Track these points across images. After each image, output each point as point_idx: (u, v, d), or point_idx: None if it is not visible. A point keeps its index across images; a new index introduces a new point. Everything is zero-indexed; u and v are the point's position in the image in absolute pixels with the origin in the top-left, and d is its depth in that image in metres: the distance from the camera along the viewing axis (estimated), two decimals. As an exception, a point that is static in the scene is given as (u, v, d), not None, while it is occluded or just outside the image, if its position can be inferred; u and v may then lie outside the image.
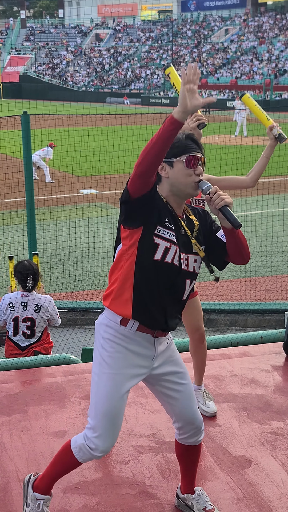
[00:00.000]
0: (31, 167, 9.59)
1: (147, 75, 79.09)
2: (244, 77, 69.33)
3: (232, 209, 2.99)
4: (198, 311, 4.30)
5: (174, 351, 3.27)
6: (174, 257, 3.00)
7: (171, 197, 3.07)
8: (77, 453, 3.13)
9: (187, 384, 3.25)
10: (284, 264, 12.39)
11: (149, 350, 3.12)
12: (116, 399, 3.05)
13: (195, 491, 3.45)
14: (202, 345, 4.38)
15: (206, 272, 11.28)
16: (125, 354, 3.08)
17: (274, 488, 3.71)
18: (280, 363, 5.34)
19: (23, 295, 6.18)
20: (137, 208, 2.93)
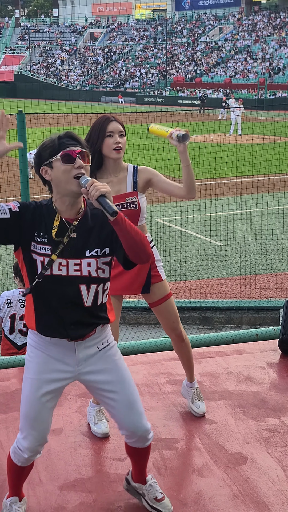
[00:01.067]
0: (26, 166, 9.58)
1: (142, 74, 79.09)
2: (238, 75, 69.41)
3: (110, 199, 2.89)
4: (171, 313, 4.25)
5: (109, 358, 3.22)
6: (53, 269, 3.00)
7: (60, 199, 3.04)
8: (13, 457, 3.25)
9: (121, 393, 3.19)
10: (278, 262, 12.42)
11: (69, 356, 3.15)
12: (34, 403, 3.15)
13: (147, 481, 3.48)
14: (182, 344, 4.37)
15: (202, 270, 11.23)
16: (44, 359, 3.15)
17: (270, 484, 3.73)
18: (275, 360, 5.36)
19: (21, 293, 6.18)
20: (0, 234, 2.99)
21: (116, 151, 3.92)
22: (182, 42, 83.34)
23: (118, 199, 3.95)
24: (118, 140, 3.92)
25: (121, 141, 3.93)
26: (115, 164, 4.00)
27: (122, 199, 3.97)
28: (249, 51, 73.76)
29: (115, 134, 3.92)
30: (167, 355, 5.40)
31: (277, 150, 20.12)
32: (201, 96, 54.20)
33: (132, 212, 3.99)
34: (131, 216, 3.96)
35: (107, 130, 3.92)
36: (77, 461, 3.94)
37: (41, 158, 3.05)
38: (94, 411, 4.27)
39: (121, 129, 3.95)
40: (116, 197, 3.93)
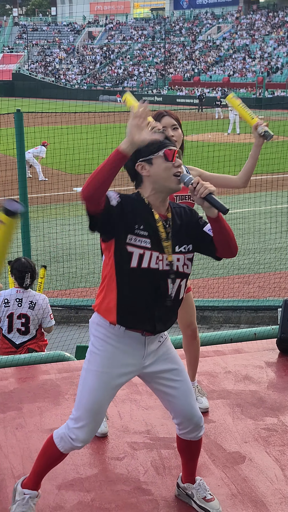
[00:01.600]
0: (24, 165, 9.58)
1: (140, 73, 79.06)
2: (236, 74, 69.40)
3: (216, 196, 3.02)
4: (191, 307, 4.32)
5: (169, 348, 3.29)
6: (151, 262, 3.04)
7: (153, 195, 3.09)
8: (58, 443, 3.21)
9: (184, 381, 3.27)
10: (276, 261, 12.43)
11: (139, 349, 3.16)
12: (100, 396, 3.14)
13: (196, 481, 3.50)
14: (194, 341, 4.39)
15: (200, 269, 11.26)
16: (113, 353, 3.14)
17: (268, 483, 3.73)
18: (274, 360, 5.36)
19: (19, 292, 6.18)
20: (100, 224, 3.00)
21: None
22: (181, 41, 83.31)
23: (182, 191, 4.05)
24: (171, 134, 4.02)
25: (175, 134, 4.04)
26: None
27: (185, 191, 4.08)
28: (247, 50, 73.76)
29: (168, 128, 4.03)
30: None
31: (275, 149, 20.10)
32: (199, 95, 54.18)
33: (190, 205, 4.11)
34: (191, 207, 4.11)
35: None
36: (75, 460, 3.93)
37: (140, 154, 3.05)
38: None
39: (173, 122, 4.07)
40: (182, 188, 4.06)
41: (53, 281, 11.43)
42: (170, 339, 5.70)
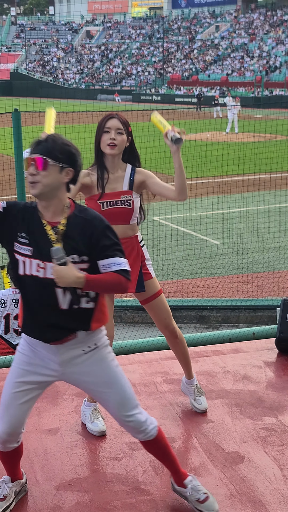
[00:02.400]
0: (22, 164, 9.55)
1: (138, 72, 79.05)
2: (235, 73, 69.42)
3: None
4: (162, 310, 4.27)
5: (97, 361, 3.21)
6: (32, 269, 3.04)
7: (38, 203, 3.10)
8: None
9: (112, 393, 3.22)
10: (275, 261, 12.42)
11: (50, 357, 3.19)
12: (9, 389, 3.23)
13: (187, 486, 3.45)
14: (177, 340, 4.38)
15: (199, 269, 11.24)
16: (30, 353, 3.21)
17: (266, 483, 3.72)
18: (272, 359, 5.35)
19: (15, 292, 6.17)
20: None
21: (109, 146, 3.98)
22: (179, 40, 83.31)
23: (113, 196, 4.01)
24: (113, 137, 3.96)
25: (117, 138, 3.97)
26: (112, 162, 4.05)
27: (117, 197, 4.02)
28: (246, 49, 73.76)
29: (111, 131, 3.98)
30: (163, 354, 5.39)
31: (274, 148, 20.13)
32: (197, 94, 54.19)
33: (125, 210, 4.03)
34: (124, 214, 4.02)
35: (105, 126, 4.00)
36: (74, 460, 3.93)
37: None
38: (90, 410, 4.26)
39: (119, 126, 3.99)
40: (111, 194, 4.00)
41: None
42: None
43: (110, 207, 4.01)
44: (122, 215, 4.03)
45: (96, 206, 4.01)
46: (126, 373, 5.00)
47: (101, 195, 4.01)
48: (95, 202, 4.02)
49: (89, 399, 4.28)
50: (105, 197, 4.01)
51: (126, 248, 4.03)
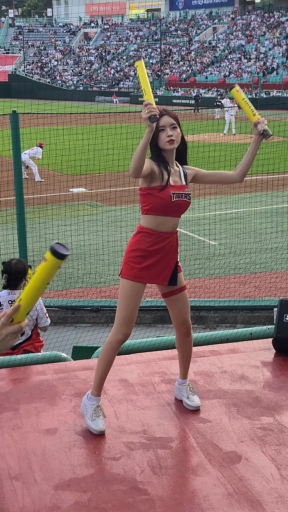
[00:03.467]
0: (20, 166, 9.58)
1: (136, 73, 79.01)
2: (232, 75, 69.45)
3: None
4: (185, 305, 4.33)
5: None
6: None
7: None
8: None
9: None
10: (272, 261, 12.44)
11: None
12: None
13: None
14: (188, 339, 4.40)
15: (196, 269, 11.23)
16: None
17: (264, 483, 3.73)
18: (270, 359, 5.37)
19: (10, 293, 6.18)
20: None
21: (169, 142, 4.10)
22: (176, 41, 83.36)
23: (179, 189, 4.14)
24: (170, 133, 4.09)
25: (173, 133, 4.10)
26: (171, 156, 4.19)
27: (182, 189, 4.15)
28: (243, 51, 73.81)
29: (166, 128, 4.10)
30: (161, 355, 5.41)
31: (271, 149, 20.13)
32: (195, 96, 54.22)
33: (186, 203, 4.17)
34: (185, 207, 4.19)
35: (159, 125, 4.09)
36: (72, 460, 3.94)
37: None
38: (93, 407, 4.25)
39: (172, 121, 4.12)
40: (177, 187, 4.14)
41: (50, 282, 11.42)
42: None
43: (178, 199, 4.12)
44: (184, 207, 4.19)
45: (167, 196, 4.07)
46: (124, 373, 5.04)
47: (170, 186, 4.10)
48: (167, 192, 4.07)
49: (93, 392, 4.28)
50: (173, 188, 4.11)
51: (170, 242, 4.19)
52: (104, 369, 4.23)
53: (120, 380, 4.94)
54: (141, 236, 4.17)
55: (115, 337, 4.17)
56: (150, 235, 4.15)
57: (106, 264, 12.20)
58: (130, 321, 4.17)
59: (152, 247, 4.14)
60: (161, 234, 4.15)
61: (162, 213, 4.12)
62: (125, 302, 4.16)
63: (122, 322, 4.16)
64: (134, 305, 4.16)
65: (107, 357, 4.21)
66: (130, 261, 4.16)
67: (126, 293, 4.17)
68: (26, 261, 7.56)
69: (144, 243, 4.15)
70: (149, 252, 4.14)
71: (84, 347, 7.10)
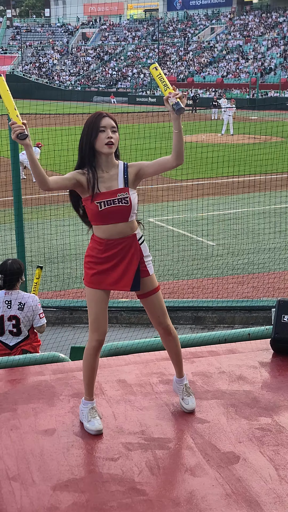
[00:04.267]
0: (18, 166, 9.58)
1: (134, 74, 79.06)
2: (230, 75, 69.48)
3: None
4: (157, 307, 4.28)
5: None
6: None
7: None
8: None
9: None
10: (270, 262, 12.45)
11: None
12: None
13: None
14: (170, 338, 4.38)
15: (194, 270, 11.24)
16: None
17: (262, 483, 3.74)
18: (268, 360, 5.37)
19: (7, 294, 6.18)
20: None
21: (108, 145, 4.00)
22: (174, 42, 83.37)
23: (109, 195, 4.02)
24: (110, 135, 4.00)
25: (113, 136, 4.01)
26: (106, 160, 4.07)
27: (114, 195, 4.03)
28: (241, 51, 73.84)
29: (107, 129, 4.01)
30: (159, 355, 5.41)
31: (269, 149, 20.14)
32: (193, 96, 54.22)
33: (123, 208, 4.04)
34: (123, 212, 4.04)
35: (100, 125, 4.01)
36: (70, 461, 3.94)
37: None
38: (87, 409, 4.27)
39: (113, 124, 4.04)
40: (107, 193, 4.01)
41: (48, 282, 11.43)
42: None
43: (108, 206, 4.01)
44: (120, 213, 4.04)
45: (93, 206, 4.02)
46: (122, 374, 5.04)
47: (97, 194, 4.01)
48: (92, 203, 4.03)
49: (87, 398, 4.30)
50: (102, 196, 4.01)
51: (124, 247, 4.08)
52: (89, 375, 4.27)
53: (118, 381, 4.94)
54: (92, 243, 4.18)
55: (90, 344, 4.25)
56: (99, 243, 4.12)
57: (104, 264, 12.17)
58: (98, 327, 4.18)
59: (104, 254, 4.11)
60: (110, 241, 4.09)
61: (100, 222, 4.07)
62: (89, 308, 4.22)
63: (92, 328, 4.21)
64: (99, 310, 4.16)
65: (88, 363, 4.26)
66: (85, 267, 4.20)
67: (88, 299, 4.22)
68: (24, 262, 7.57)
69: (95, 250, 4.14)
70: (101, 259, 4.12)
71: (82, 348, 7.07)
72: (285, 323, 5.39)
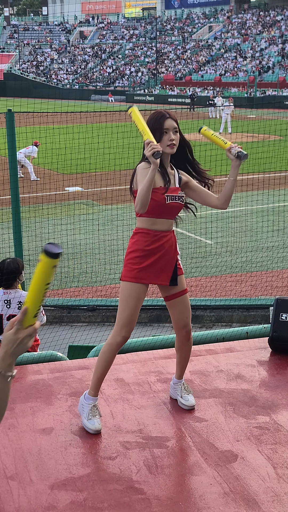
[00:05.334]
0: (15, 165, 9.56)
1: (132, 72, 79.03)
2: (228, 74, 69.48)
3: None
4: (187, 308, 4.33)
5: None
6: None
7: None
8: None
9: None
10: (268, 260, 12.45)
11: None
12: None
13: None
14: (187, 343, 4.41)
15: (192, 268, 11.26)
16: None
17: (260, 482, 3.73)
18: (266, 358, 5.37)
19: (6, 293, 6.17)
20: None
21: (170, 146, 4.16)
22: (172, 40, 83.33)
23: (174, 191, 4.20)
24: (172, 138, 4.15)
25: (175, 138, 4.17)
26: (167, 159, 4.26)
27: (177, 192, 4.21)
28: (238, 50, 73.83)
29: (169, 131, 4.15)
30: (157, 354, 5.41)
31: (267, 148, 20.15)
32: (191, 95, 54.23)
33: (179, 205, 4.23)
34: (178, 209, 4.25)
35: (163, 128, 4.14)
36: (68, 460, 3.94)
37: None
38: (89, 406, 4.25)
39: (175, 125, 4.18)
40: (171, 189, 4.19)
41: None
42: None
43: (172, 201, 4.16)
44: (177, 209, 4.24)
45: (162, 198, 4.12)
46: (120, 373, 5.03)
47: (169, 188, 4.16)
48: (160, 195, 4.12)
49: (91, 392, 4.28)
50: (169, 191, 4.16)
51: (168, 241, 4.22)
52: (103, 370, 4.24)
53: (116, 380, 4.93)
54: (138, 237, 4.20)
55: (114, 339, 4.19)
56: (146, 234, 4.17)
57: (102, 263, 12.20)
58: (128, 323, 4.17)
59: (150, 246, 4.17)
60: (157, 233, 4.18)
61: (156, 215, 4.17)
62: (124, 303, 4.18)
63: (121, 324, 4.18)
64: (133, 306, 4.17)
65: (106, 358, 4.22)
66: (130, 262, 4.19)
67: (125, 294, 4.19)
68: (22, 261, 7.56)
69: (141, 243, 4.18)
70: (148, 251, 4.17)
71: (80, 347, 7.10)
72: (283, 321, 5.39)
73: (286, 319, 5.40)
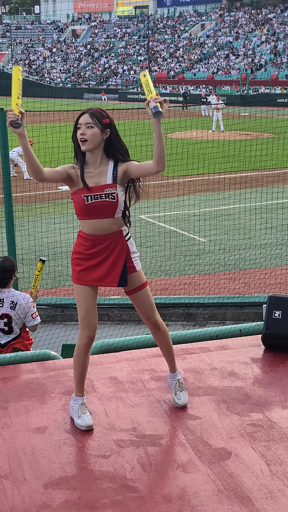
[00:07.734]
0: (8, 164, 9.54)
1: (124, 71, 78.96)
2: (220, 72, 69.49)
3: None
4: (145, 303, 4.31)
5: None
6: None
7: None
8: None
9: None
10: (262, 258, 12.47)
11: None
12: None
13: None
14: (159, 333, 4.41)
15: (186, 266, 11.30)
16: None
17: (254, 479, 3.74)
18: (259, 356, 5.38)
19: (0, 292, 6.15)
20: None
21: (81, 142, 4.04)
22: (165, 38, 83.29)
23: (97, 190, 4.05)
24: (82, 132, 4.03)
25: (87, 133, 4.02)
26: (93, 156, 4.11)
27: (101, 190, 4.06)
28: (231, 47, 73.85)
29: (82, 126, 4.04)
30: (151, 352, 5.41)
31: (260, 146, 20.15)
32: (183, 93, 54.22)
33: (110, 203, 4.07)
34: (109, 207, 4.07)
35: (77, 123, 4.07)
36: (62, 459, 3.94)
37: None
38: (77, 405, 4.28)
39: (89, 120, 4.03)
40: (95, 188, 4.05)
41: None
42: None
43: (94, 201, 4.05)
44: (106, 208, 4.07)
45: (80, 199, 4.06)
46: (114, 371, 5.04)
47: (85, 189, 4.06)
48: (80, 196, 4.07)
49: (77, 394, 4.31)
50: (89, 191, 4.05)
51: (111, 243, 4.10)
52: (80, 371, 4.29)
53: (110, 378, 4.93)
54: (80, 240, 4.20)
55: (81, 341, 4.27)
56: (86, 239, 4.15)
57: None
58: (88, 324, 4.20)
59: (90, 251, 4.14)
60: (96, 237, 4.12)
61: (86, 217, 4.10)
62: (78, 305, 4.25)
63: (82, 325, 4.24)
64: (88, 306, 4.20)
65: (79, 360, 4.28)
66: (73, 264, 4.22)
67: (76, 295, 4.25)
68: (15, 260, 7.53)
69: (82, 247, 4.17)
70: (88, 255, 4.14)
71: (73, 345, 7.05)
72: (276, 319, 5.40)
73: (279, 317, 5.41)
